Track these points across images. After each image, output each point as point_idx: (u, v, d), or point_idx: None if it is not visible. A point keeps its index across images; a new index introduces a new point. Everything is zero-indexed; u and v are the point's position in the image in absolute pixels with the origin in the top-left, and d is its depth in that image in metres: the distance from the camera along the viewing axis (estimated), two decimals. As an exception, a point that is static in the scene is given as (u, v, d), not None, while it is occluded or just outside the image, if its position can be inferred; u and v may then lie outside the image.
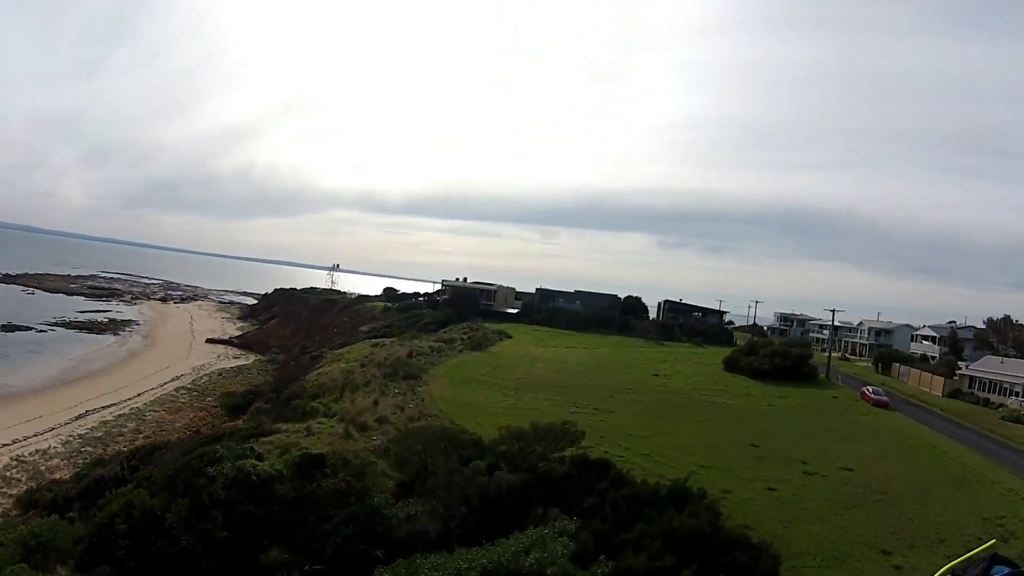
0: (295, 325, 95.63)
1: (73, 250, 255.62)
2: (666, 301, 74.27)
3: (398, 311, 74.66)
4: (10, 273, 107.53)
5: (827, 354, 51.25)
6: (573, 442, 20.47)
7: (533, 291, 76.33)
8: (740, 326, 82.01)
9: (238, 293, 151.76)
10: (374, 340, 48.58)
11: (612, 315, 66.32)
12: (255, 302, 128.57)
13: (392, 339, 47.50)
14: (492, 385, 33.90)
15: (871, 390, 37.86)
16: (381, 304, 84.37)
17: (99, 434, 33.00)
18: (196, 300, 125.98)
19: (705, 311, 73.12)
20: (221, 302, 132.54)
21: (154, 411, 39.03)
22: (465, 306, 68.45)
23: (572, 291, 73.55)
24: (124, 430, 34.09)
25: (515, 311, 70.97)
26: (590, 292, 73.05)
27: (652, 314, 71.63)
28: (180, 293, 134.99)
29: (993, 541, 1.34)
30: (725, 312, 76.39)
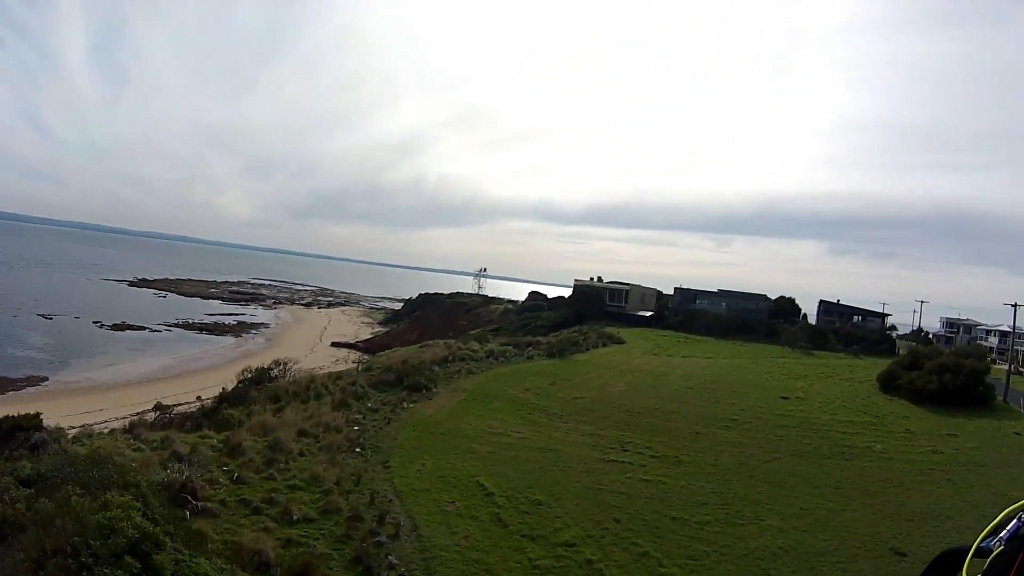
0: (421, 329, 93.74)
1: (229, 258, 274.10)
2: (822, 302, 64.02)
3: (516, 313, 69.27)
4: (147, 278, 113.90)
5: (1007, 367, 36.75)
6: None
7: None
8: (903, 334, 71.78)
9: (392, 299, 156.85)
10: (445, 341, 41.07)
11: (759, 319, 57.28)
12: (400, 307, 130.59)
13: (455, 341, 39.20)
14: (527, 406, 23.87)
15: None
16: (501, 307, 79.50)
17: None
18: (346, 305, 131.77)
19: (864, 313, 62.37)
20: (371, 307, 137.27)
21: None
22: (587, 307, 61.02)
23: (715, 291, 63.98)
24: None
25: (649, 314, 62.61)
26: (737, 292, 63.09)
27: (812, 319, 62.35)
28: (330, 299, 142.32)
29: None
30: (887, 315, 63.51)
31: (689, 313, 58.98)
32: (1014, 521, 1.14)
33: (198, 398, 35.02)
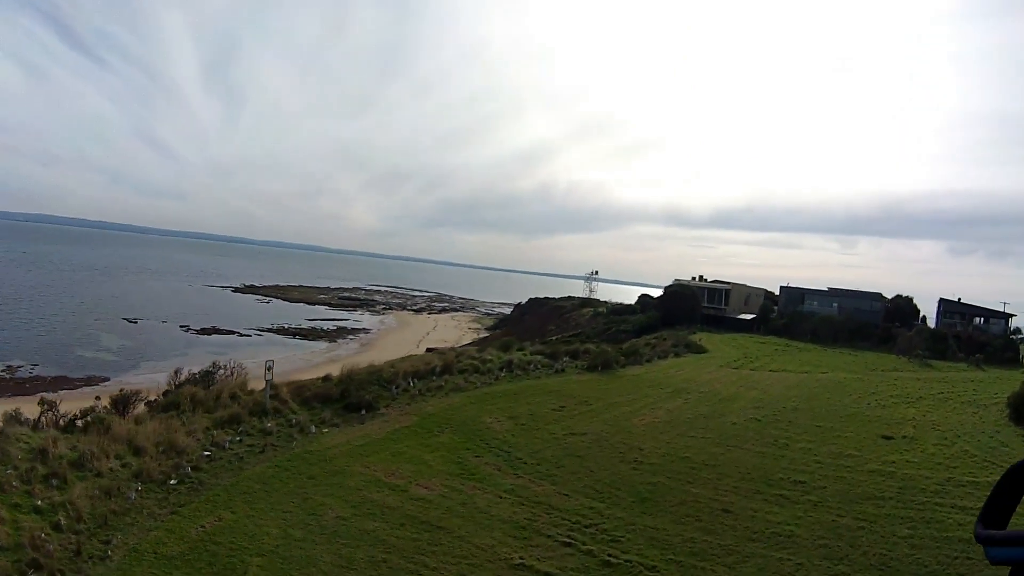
0: (517, 334, 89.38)
1: (352, 266, 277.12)
2: (942, 301, 55.20)
3: (604, 317, 64.84)
4: (255, 284, 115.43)
5: None
6: None
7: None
8: (1025, 338, 61.19)
9: (508, 304, 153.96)
10: (464, 347, 34.88)
11: (873, 322, 50.24)
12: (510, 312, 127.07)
13: (473, 348, 32.88)
14: (486, 444, 17.01)
15: None
16: (591, 311, 74.81)
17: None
18: (460, 311, 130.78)
19: (987, 314, 53.68)
20: (485, 313, 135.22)
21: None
22: (678, 309, 54.78)
23: (826, 289, 57.00)
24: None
25: (751, 317, 55.90)
26: (849, 291, 55.85)
27: (930, 321, 54.88)
28: (445, 304, 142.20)
29: None
30: (1011, 315, 53.37)
31: (795, 316, 52.07)
32: None
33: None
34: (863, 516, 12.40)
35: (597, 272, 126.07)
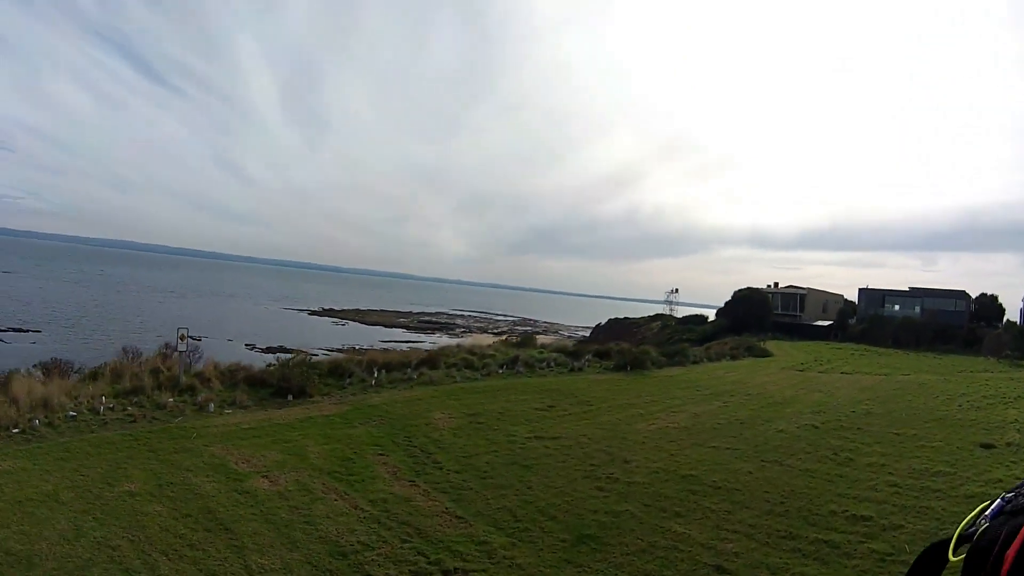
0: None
1: (439, 292, 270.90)
2: None
3: (670, 328, 60.44)
4: (333, 308, 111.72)
5: None
6: None
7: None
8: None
9: (588, 328, 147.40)
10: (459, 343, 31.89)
11: (957, 323, 46.59)
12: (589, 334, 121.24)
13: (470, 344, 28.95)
14: (411, 448, 12.39)
15: None
16: (659, 323, 69.27)
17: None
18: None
19: None
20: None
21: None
22: (747, 315, 49.44)
23: (907, 289, 52.43)
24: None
25: (828, 323, 51.77)
26: (933, 290, 51.07)
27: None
28: (528, 328, 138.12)
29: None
30: None
31: (874, 319, 47.51)
32: (998, 501, 1.04)
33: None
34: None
35: (677, 291, 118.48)
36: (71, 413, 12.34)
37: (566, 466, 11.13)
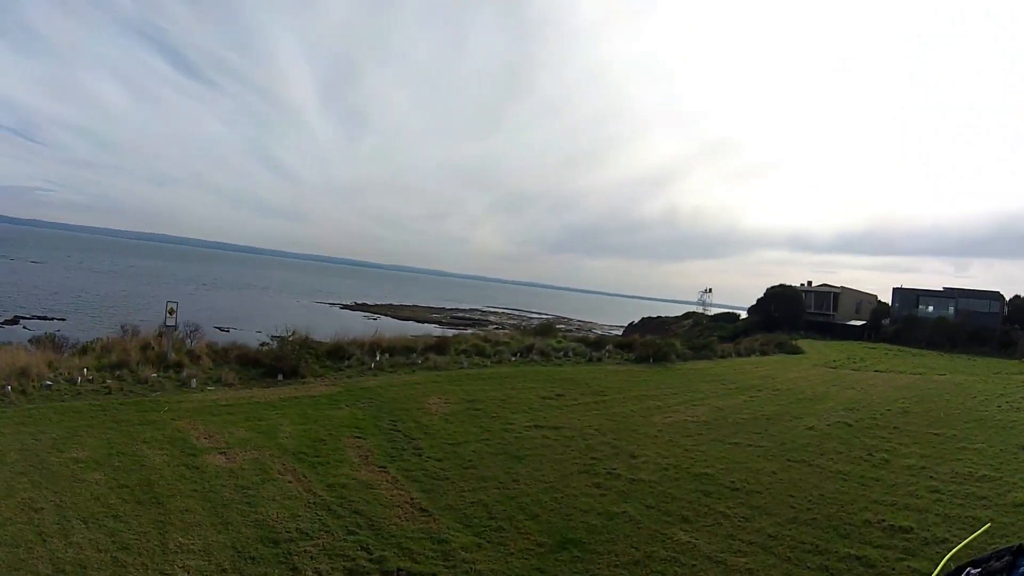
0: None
1: (473, 290, 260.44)
2: None
3: (701, 325, 59.94)
4: (366, 303, 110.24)
5: None
6: None
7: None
8: None
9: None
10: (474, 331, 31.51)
11: (991, 325, 45.02)
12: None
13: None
14: (394, 432, 11.45)
15: None
16: (690, 320, 68.68)
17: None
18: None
19: None
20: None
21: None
22: (780, 313, 47.95)
23: (941, 289, 50.94)
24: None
25: (861, 323, 50.44)
26: (967, 290, 49.49)
27: None
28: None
29: (988, 524, 1.23)
30: None
31: (908, 320, 46.66)
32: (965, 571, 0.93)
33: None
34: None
35: (711, 290, 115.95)
36: (47, 383, 11.86)
37: (563, 459, 9.90)
